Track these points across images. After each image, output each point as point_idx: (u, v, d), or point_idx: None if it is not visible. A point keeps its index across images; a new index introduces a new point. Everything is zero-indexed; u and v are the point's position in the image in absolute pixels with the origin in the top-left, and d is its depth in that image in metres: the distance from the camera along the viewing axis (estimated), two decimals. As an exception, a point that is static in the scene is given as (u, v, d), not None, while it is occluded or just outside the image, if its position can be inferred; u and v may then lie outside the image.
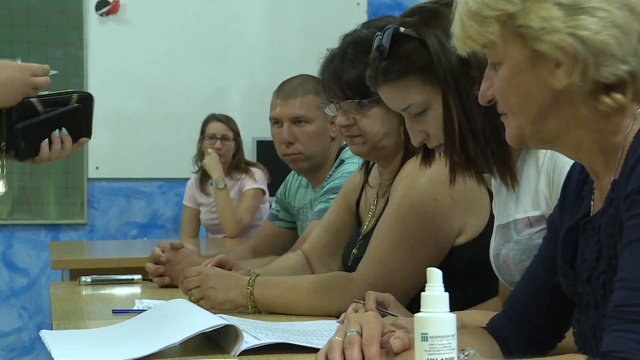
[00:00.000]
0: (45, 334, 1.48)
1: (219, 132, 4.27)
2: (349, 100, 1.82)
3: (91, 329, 1.58)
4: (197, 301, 1.76)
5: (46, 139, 1.79)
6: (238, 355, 1.33)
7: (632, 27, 1.00)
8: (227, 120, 4.32)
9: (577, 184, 1.18)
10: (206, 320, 1.41)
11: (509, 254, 1.43)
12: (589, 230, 1.09)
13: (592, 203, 1.12)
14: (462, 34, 1.09)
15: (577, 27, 1.00)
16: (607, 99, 1.02)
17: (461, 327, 1.17)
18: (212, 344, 1.42)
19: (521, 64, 1.05)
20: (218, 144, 4.24)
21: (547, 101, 1.05)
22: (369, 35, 1.80)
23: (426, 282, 1.71)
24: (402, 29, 1.44)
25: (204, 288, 1.76)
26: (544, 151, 1.39)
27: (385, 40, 1.46)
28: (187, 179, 4.46)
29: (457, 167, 1.44)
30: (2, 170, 1.80)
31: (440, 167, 1.69)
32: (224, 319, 1.48)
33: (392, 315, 1.55)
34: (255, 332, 1.43)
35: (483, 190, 1.69)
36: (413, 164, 1.77)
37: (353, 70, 1.81)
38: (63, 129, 1.81)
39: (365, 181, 1.99)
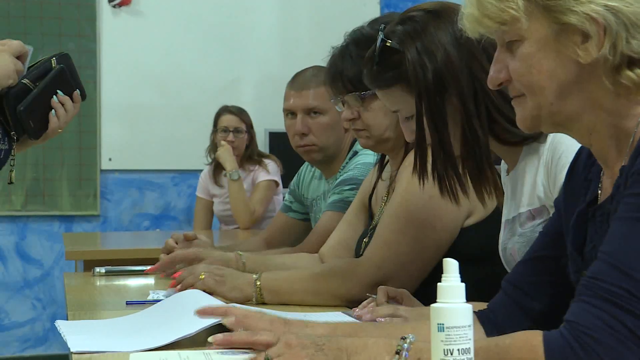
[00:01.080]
0: (60, 324, 1.48)
1: (231, 124, 4.28)
2: (352, 94, 1.87)
3: (106, 319, 1.59)
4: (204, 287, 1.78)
5: (52, 110, 1.82)
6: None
7: None
8: (239, 113, 4.32)
9: (584, 167, 1.18)
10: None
11: (514, 247, 1.45)
12: (598, 218, 1.09)
13: (599, 190, 1.12)
14: (478, 13, 1.08)
15: None
16: (630, 74, 1.01)
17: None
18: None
19: (545, 38, 1.04)
20: (231, 136, 4.24)
21: (570, 78, 1.04)
22: (370, 33, 1.85)
23: (433, 266, 1.74)
24: (388, 42, 1.46)
25: (213, 275, 1.78)
26: (545, 144, 1.40)
27: (378, 47, 1.49)
28: (200, 171, 4.47)
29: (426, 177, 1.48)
30: (13, 161, 1.82)
31: None
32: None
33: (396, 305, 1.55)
34: None
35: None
36: None
37: (354, 66, 1.85)
38: (59, 92, 1.84)
39: (379, 176, 2.01)
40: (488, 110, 1.41)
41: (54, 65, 1.87)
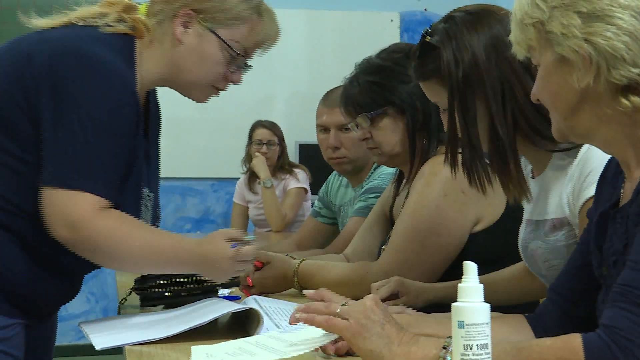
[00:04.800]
0: (83, 326, 1.46)
1: (264, 137, 4.29)
2: (361, 115, 1.88)
3: (127, 316, 1.57)
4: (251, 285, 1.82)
5: None
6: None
7: None
8: (272, 127, 4.34)
9: (613, 175, 1.17)
10: (231, 306, 1.42)
11: (537, 251, 1.43)
12: (618, 220, 1.09)
13: (622, 194, 1.12)
14: (513, 40, 1.12)
15: (592, 34, 1.01)
16: (624, 101, 1.02)
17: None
18: (244, 330, 1.42)
19: (550, 66, 1.07)
20: (264, 148, 4.26)
21: (574, 100, 1.06)
22: (377, 62, 1.89)
23: (442, 271, 1.73)
24: (427, 38, 1.44)
25: (260, 279, 1.83)
26: (575, 160, 1.36)
27: (420, 42, 1.47)
28: (236, 179, 4.48)
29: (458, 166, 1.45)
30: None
31: None
32: (256, 301, 1.48)
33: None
34: (279, 319, 1.41)
35: (497, 181, 1.70)
36: (429, 166, 1.79)
37: (362, 92, 1.88)
38: None
39: (397, 191, 2.00)
40: (514, 114, 1.37)
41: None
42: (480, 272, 1.60)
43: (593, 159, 1.32)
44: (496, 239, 1.72)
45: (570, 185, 1.36)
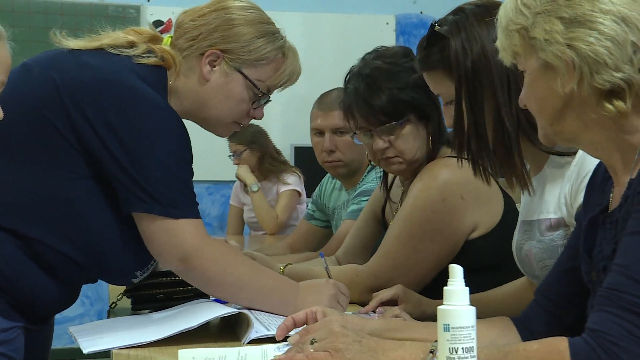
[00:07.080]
0: (72, 330, 1.47)
1: (231, 149, 4.30)
2: (386, 125, 1.80)
3: (116, 319, 1.57)
4: None
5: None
6: (248, 343, 1.31)
7: (626, 38, 1.01)
8: (233, 136, 4.15)
9: (601, 181, 1.18)
10: (221, 309, 1.41)
11: (531, 251, 1.43)
12: (607, 225, 1.09)
13: (610, 199, 1.12)
14: (499, 46, 1.13)
15: (574, 39, 1.02)
16: (608, 105, 1.03)
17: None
18: (233, 333, 1.42)
19: (535, 72, 1.07)
20: (235, 159, 4.27)
21: (559, 105, 1.06)
22: (383, 65, 1.81)
23: (433, 276, 1.74)
24: (437, 28, 1.44)
25: None
26: (573, 161, 1.37)
27: (428, 31, 1.47)
28: (232, 181, 4.48)
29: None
30: None
31: (452, 170, 1.68)
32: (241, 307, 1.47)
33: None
34: (268, 322, 1.40)
35: (495, 188, 1.69)
36: (428, 171, 1.78)
37: (383, 96, 1.79)
38: None
39: (388, 195, 1.99)
40: (517, 107, 1.35)
41: None
42: (478, 279, 1.61)
43: (591, 160, 1.32)
44: (493, 245, 1.72)
45: (568, 186, 1.37)
